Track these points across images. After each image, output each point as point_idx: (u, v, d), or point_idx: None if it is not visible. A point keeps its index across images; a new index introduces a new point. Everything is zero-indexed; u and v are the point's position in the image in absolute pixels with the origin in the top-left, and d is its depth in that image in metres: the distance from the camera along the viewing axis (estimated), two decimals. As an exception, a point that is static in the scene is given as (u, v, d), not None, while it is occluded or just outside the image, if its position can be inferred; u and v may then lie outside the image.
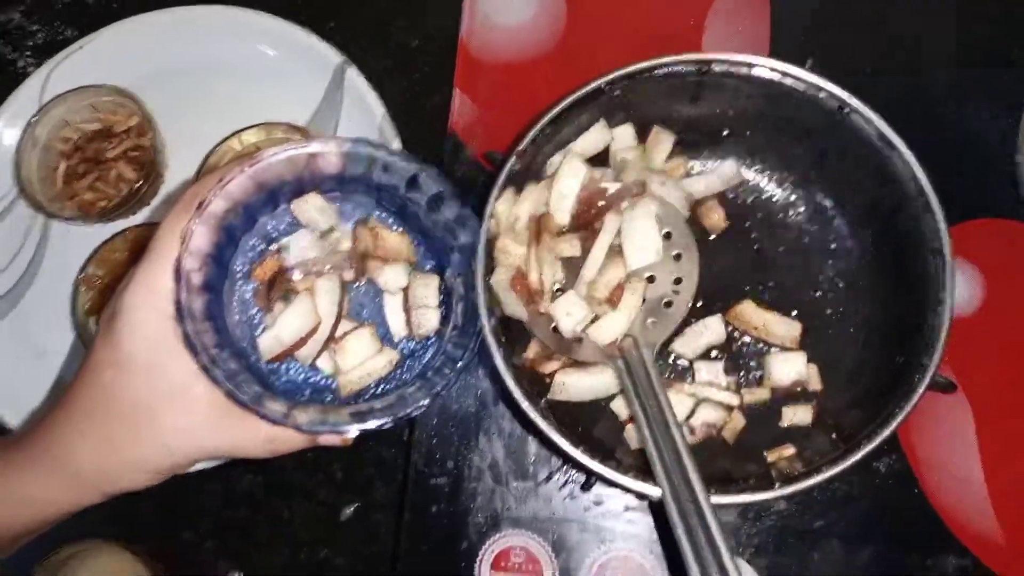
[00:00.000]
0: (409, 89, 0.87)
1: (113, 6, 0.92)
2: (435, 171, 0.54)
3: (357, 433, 0.52)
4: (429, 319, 0.57)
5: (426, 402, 0.52)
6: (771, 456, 0.62)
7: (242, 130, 0.80)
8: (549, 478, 0.72)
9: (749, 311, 0.66)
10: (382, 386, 0.56)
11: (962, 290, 0.72)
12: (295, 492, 0.79)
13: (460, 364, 0.53)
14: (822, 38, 0.80)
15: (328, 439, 0.53)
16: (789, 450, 0.62)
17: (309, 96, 0.85)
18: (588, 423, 0.66)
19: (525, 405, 0.57)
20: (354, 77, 0.83)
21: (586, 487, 0.71)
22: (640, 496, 0.61)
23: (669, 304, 0.63)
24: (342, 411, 0.51)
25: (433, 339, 0.58)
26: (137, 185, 0.80)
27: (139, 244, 0.79)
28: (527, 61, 0.80)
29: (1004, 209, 0.75)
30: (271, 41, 0.86)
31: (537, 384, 0.64)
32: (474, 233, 0.56)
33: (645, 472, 0.57)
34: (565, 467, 0.72)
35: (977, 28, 0.80)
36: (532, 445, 0.73)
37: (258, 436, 0.50)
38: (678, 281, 0.63)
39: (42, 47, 0.91)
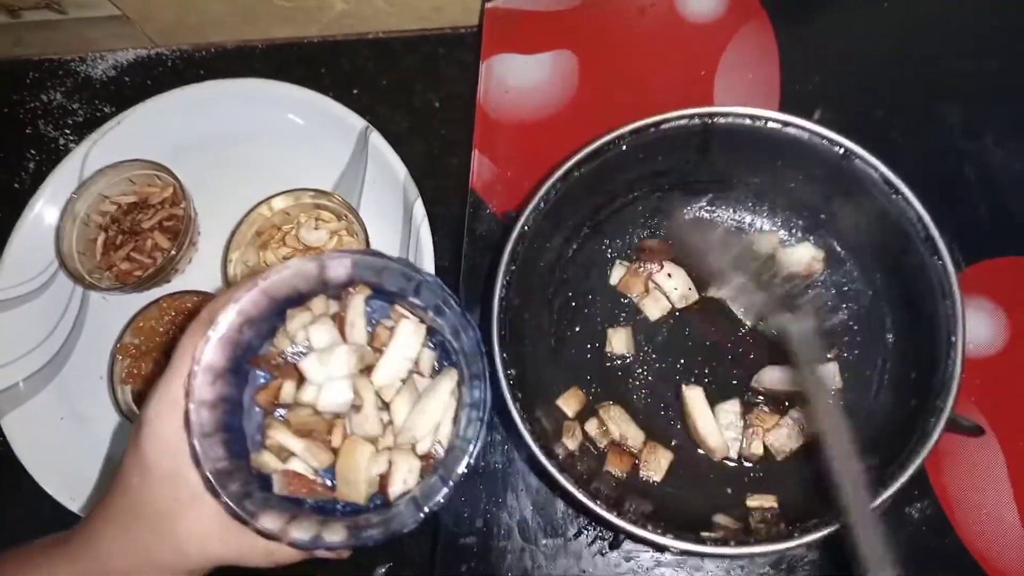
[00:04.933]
0: (430, 150, 0.94)
1: (147, 83, 1.01)
2: (437, 280, 0.58)
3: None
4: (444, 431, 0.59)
5: (420, 517, 0.54)
6: (752, 501, 0.65)
7: (272, 196, 0.86)
8: (578, 535, 0.74)
9: None
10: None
11: (984, 329, 0.74)
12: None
13: (453, 483, 0.55)
14: (832, 83, 0.84)
15: (323, 553, 0.57)
16: (770, 500, 0.65)
17: (335, 160, 0.92)
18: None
19: (554, 472, 0.60)
20: (377, 141, 0.90)
21: (615, 544, 0.73)
22: (660, 548, 0.63)
23: None
24: (338, 526, 0.54)
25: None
26: (171, 254, 0.86)
27: (174, 313, 0.85)
28: (542, 121, 0.85)
29: (1026, 246, 0.77)
30: (298, 110, 0.94)
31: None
32: (471, 340, 0.58)
33: (676, 526, 0.59)
34: (593, 523, 0.75)
35: (988, 63, 0.84)
36: (560, 501, 0.75)
37: (257, 548, 0.55)
38: None
39: (82, 124, 1.00)
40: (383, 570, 0.83)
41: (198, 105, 0.94)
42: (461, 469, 0.55)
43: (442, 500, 0.54)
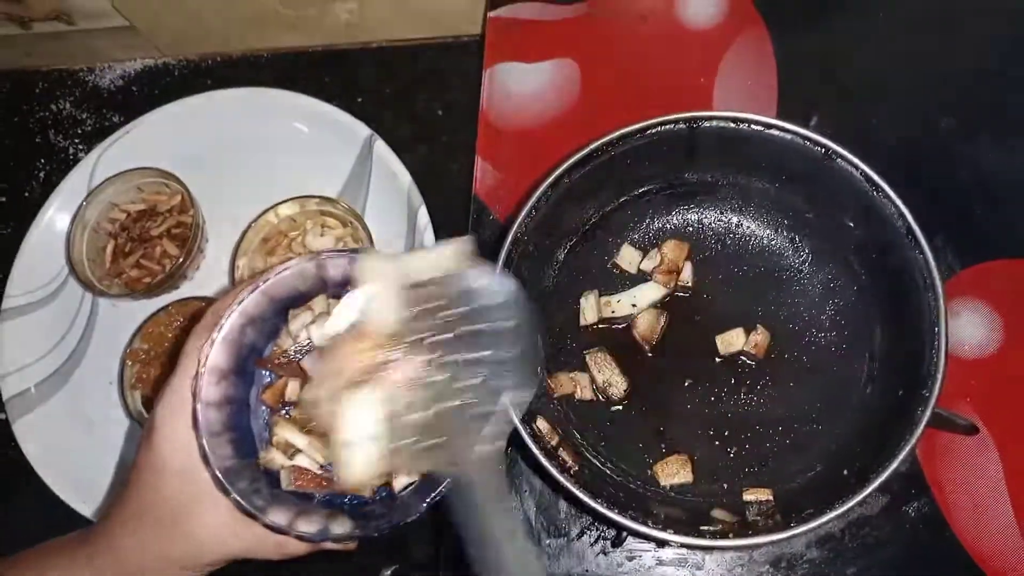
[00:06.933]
0: (433, 156, 0.98)
1: (155, 92, 1.05)
2: None
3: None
4: None
5: (423, 508, 0.56)
6: (748, 495, 0.68)
7: (278, 203, 0.89)
8: (581, 535, 0.77)
9: None
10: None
11: (979, 332, 0.77)
12: (335, 555, 0.86)
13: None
14: (828, 90, 0.87)
15: (332, 545, 0.60)
16: (765, 494, 0.68)
17: (340, 168, 0.96)
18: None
19: (552, 469, 0.63)
20: (381, 148, 0.94)
21: (617, 543, 0.76)
22: (661, 543, 0.66)
23: None
24: (344, 519, 0.57)
25: None
26: (180, 261, 0.90)
27: (182, 319, 0.89)
28: (544, 127, 0.89)
29: (1021, 250, 0.79)
30: (304, 118, 0.98)
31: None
32: None
33: (675, 521, 0.63)
34: (595, 523, 0.78)
35: (982, 69, 0.87)
36: (562, 502, 0.78)
37: (269, 541, 0.58)
38: None
39: (91, 133, 1.05)
40: (389, 572, 0.85)
41: (205, 114, 0.98)
42: None
43: (444, 490, 0.56)
